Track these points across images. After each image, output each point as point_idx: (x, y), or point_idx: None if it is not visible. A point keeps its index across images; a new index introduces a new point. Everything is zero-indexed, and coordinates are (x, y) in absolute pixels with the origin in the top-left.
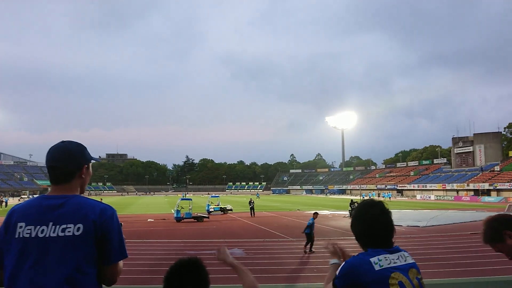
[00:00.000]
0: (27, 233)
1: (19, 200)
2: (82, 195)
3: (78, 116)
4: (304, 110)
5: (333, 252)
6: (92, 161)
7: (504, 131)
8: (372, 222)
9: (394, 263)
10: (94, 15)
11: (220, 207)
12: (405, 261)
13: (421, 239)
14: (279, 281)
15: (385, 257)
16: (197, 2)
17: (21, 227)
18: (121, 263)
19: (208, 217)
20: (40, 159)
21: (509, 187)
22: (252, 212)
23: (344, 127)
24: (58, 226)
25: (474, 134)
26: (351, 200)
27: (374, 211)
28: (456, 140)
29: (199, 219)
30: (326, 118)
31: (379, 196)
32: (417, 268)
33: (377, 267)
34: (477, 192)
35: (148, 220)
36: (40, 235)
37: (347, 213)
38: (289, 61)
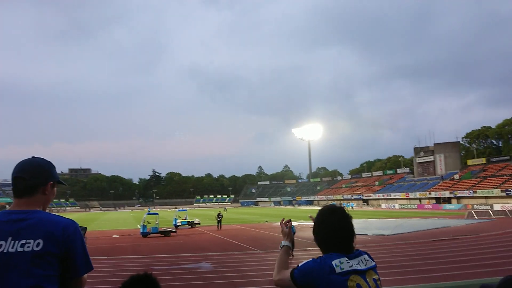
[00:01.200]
0: None
1: None
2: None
3: (39, 130)
4: (271, 122)
5: (286, 233)
6: (58, 182)
7: (462, 140)
8: (333, 228)
9: (354, 266)
10: (55, 27)
11: (188, 221)
12: (365, 265)
13: (386, 247)
14: None
15: (346, 260)
16: (162, 14)
17: None
18: (85, 275)
19: (175, 231)
20: None
21: (468, 195)
22: (219, 225)
23: (310, 138)
24: (17, 242)
25: (434, 144)
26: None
27: (335, 217)
28: (417, 150)
29: (166, 233)
30: (292, 130)
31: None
32: (375, 270)
33: (338, 270)
34: (438, 200)
35: (113, 236)
36: None
37: None
38: (255, 73)
